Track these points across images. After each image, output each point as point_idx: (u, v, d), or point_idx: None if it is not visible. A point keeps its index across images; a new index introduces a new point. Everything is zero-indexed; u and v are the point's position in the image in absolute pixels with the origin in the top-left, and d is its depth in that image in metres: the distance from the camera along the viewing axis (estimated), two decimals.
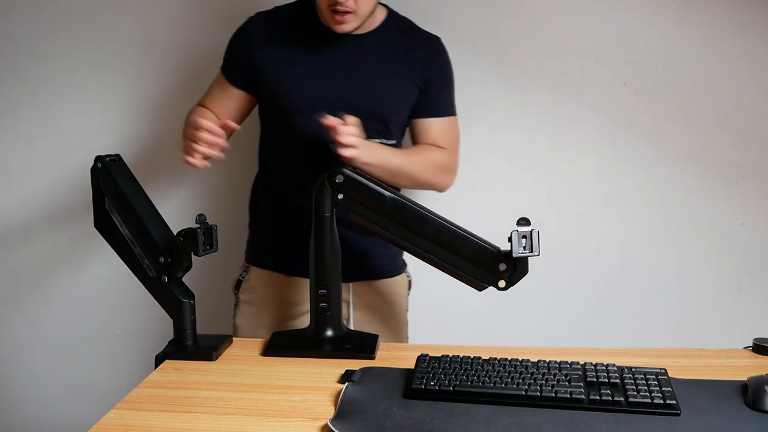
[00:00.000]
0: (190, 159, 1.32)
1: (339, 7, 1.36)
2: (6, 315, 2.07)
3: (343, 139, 1.30)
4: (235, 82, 1.54)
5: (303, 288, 1.55)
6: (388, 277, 1.62)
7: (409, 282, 1.68)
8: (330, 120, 1.31)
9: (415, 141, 1.58)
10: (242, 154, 1.85)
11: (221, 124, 1.34)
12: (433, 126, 1.55)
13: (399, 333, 1.62)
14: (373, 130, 1.48)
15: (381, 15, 1.52)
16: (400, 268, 1.66)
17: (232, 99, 1.56)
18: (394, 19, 1.55)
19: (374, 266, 1.58)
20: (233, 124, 1.37)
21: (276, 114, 1.53)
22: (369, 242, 1.39)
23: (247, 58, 1.51)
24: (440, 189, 1.58)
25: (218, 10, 1.83)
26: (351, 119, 1.34)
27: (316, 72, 1.47)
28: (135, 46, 1.88)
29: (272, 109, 1.54)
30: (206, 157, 1.33)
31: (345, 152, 1.31)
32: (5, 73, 1.93)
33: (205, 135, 1.31)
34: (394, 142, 1.54)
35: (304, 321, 1.54)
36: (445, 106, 1.57)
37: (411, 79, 1.51)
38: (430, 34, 1.56)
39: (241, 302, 1.63)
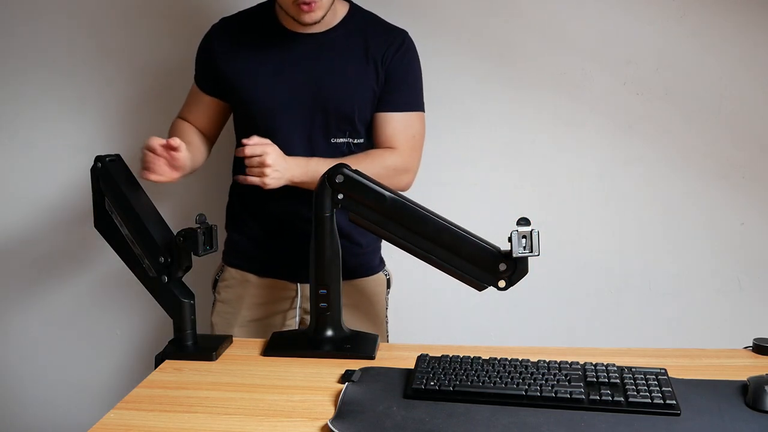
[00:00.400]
0: (148, 176, 1.33)
1: None
2: (6, 315, 2.07)
3: (249, 163, 1.34)
4: (205, 89, 1.57)
5: (276, 289, 1.58)
6: (364, 276, 1.61)
7: (388, 280, 1.68)
8: (241, 150, 1.34)
9: (373, 137, 1.53)
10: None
11: (163, 144, 1.33)
12: (391, 121, 1.50)
13: (378, 331, 1.61)
14: (338, 130, 1.48)
15: (342, 10, 1.50)
16: (377, 267, 1.65)
17: (206, 106, 1.58)
18: (356, 13, 1.52)
19: (349, 266, 1.55)
20: (174, 144, 1.33)
21: (242, 117, 1.55)
22: (342, 243, 1.38)
23: (213, 64, 1.52)
24: (399, 191, 1.56)
25: (220, 11, 1.83)
26: (251, 141, 1.35)
27: (278, 72, 1.47)
28: (135, 46, 1.88)
29: (239, 112, 1.56)
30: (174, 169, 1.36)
31: (250, 180, 1.35)
32: (5, 73, 1.94)
33: (147, 156, 1.33)
34: (361, 141, 1.52)
35: (276, 320, 1.59)
36: (406, 101, 1.51)
37: (373, 74, 1.48)
38: (396, 27, 1.53)
39: (216, 301, 1.65)
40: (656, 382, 1.05)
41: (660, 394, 1.02)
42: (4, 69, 1.93)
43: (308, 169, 1.41)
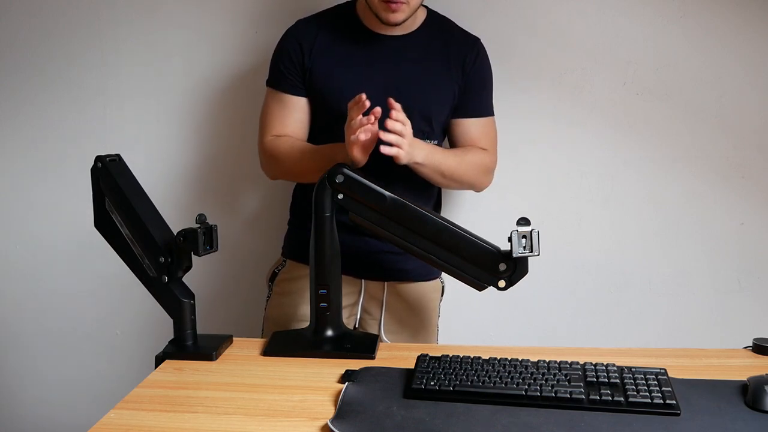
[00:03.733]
0: (360, 157, 1.31)
1: None
2: (6, 315, 2.07)
3: (389, 131, 1.28)
4: (293, 90, 1.52)
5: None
6: (422, 280, 1.61)
7: (443, 288, 1.68)
8: (377, 111, 1.28)
9: (454, 141, 1.57)
10: (243, 154, 1.85)
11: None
12: (473, 126, 1.55)
13: (429, 338, 1.61)
14: (418, 130, 1.46)
15: (422, 15, 1.54)
16: (436, 272, 1.64)
17: (300, 110, 1.53)
18: (434, 18, 1.56)
19: (410, 267, 1.57)
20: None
21: (324, 116, 1.53)
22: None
23: (301, 64, 1.50)
24: (479, 190, 1.60)
25: (221, 10, 1.83)
26: (398, 107, 1.31)
27: (361, 73, 1.48)
28: (135, 46, 1.88)
29: (320, 111, 1.53)
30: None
31: (387, 150, 1.29)
32: (5, 73, 1.93)
33: (356, 115, 1.29)
34: (436, 141, 1.54)
35: None
36: (485, 107, 1.58)
37: (453, 78, 1.52)
38: (471, 34, 1.58)
39: (274, 294, 1.62)
40: (656, 382, 1.05)
41: (660, 394, 1.02)
42: (5, 69, 1.93)
43: (431, 152, 1.41)
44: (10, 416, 2.13)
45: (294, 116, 1.53)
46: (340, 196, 1.26)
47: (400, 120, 1.31)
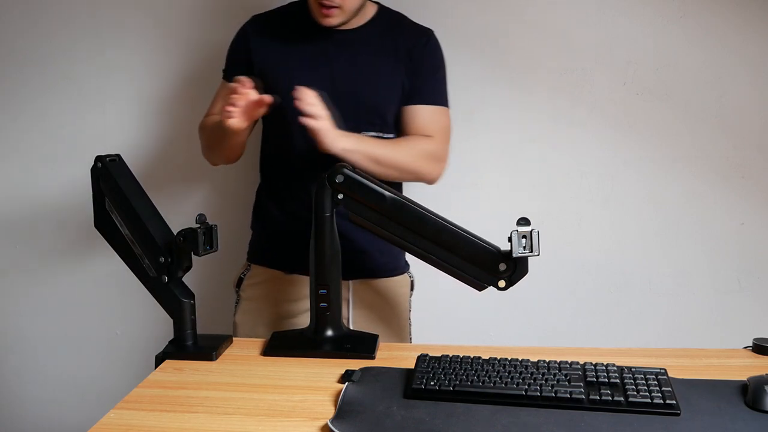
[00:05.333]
0: (231, 121, 1.34)
1: (326, 2, 1.40)
2: (6, 315, 2.07)
3: (307, 108, 1.31)
4: None
5: (302, 285, 1.56)
6: (388, 276, 1.62)
7: (412, 282, 1.68)
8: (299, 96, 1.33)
9: (402, 130, 1.55)
10: (243, 154, 1.85)
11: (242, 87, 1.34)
12: (420, 113, 1.53)
13: (401, 333, 1.62)
14: (369, 123, 1.50)
15: (372, 10, 1.55)
16: (402, 267, 1.66)
17: None
18: (385, 13, 1.57)
19: (374, 264, 1.58)
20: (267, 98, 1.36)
21: (275, 111, 1.52)
22: (369, 240, 1.39)
23: (248, 58, 1.53)
24: (429, 180, 1.55)
25: (220, 11, 1.83)
26: (310, 94, 1.34)
27: (311, 66, 1.50)
28: (135, 46, 1.88)
29: (271, 106, 1.53)
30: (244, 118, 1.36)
31: (311, 122, 1.32)
32: (5, 73, 1.93)
33: (236, 87, 1.33)
34: (391, 135, 1.54)
35: (303, 319, 1.55)
36: (434, 94, 1.55)
37: (401, 69, 1.51)
38: (423, 26, 1.57)
39: (242, 299, 1.64)
40: (656, 382, 1.05)
41: (660, 394, 1.02)
42: (5, 69, 1.93)
43: (359, 139, 1.42)
44: (10, 416, 2.13)
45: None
46: (340, 196, 1.26)
47: (314, 104, 1.33)
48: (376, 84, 1.51)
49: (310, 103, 1.33)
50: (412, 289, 1.68)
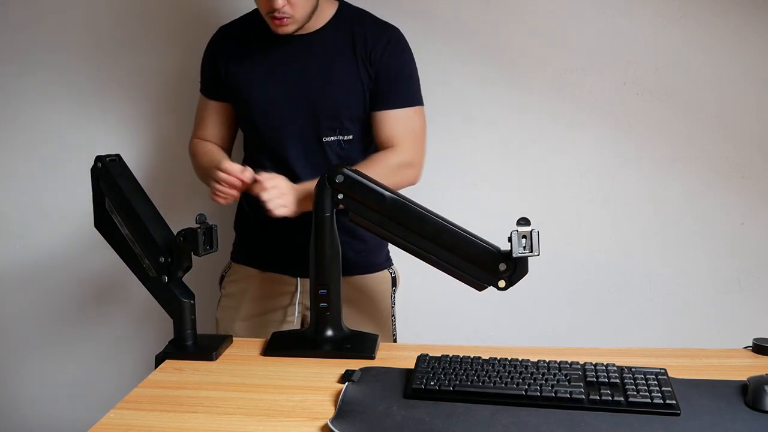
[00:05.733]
0: (218, 201, 1.40)
1: (276, 14, 1.40)
2: (6, 315, 2.07)
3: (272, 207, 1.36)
4: (212, 95, 1.61)
5: (277, 283, 1.61)
6: (365, 273, 1.62)
7: (394, 278, 1.67)
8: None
9: (374, 135, 1.54)
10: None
11: (238, 178, 1.38)
12: (388, 119, 1.51)
13: (383, 330, 1.61)
14: (328, 128, 1.51)
15: (330, 10, 1.52)
16: (382, 264, 1.66)
17: (218, 113, 1.62)
18: (345, 12, 1.54)
19: (349, 263, 1.55)
20: (248, 177, 1.39)
21: (243, 118, 1.59)
22: (344, 239, 1.38)
23: (217, 69, 1.56)
24: (409, 185, 1.54)
25: (220, 12, 1.83)
26: (261, 179, 1.37)
27: (272, 73, 1.51)
28: (136, 46, 1.88)
29: (240, 113, 1.59)
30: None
31: (274, 214, 1.37)
32: (5, 73, 1.93)
33: (223, 176, 1.38)
34: (350, 137, 1.53)
35: (276, 315, 1.62)
36: (401, 97, 1.52)
37: (361, 71, 1.49)
38: (385, 23, 1.54)
39: (222, 296, 1.69)
40: (656, 382, 1.05)
41: (660, 394, 1.02)
42: (5, 70, 1.93)
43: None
44: (10, 416, 2.13)
45: (212, 119, 1.62)
46: (340, 196, 1.26)
47: (265, 189, 1.36)
48: (332, 88, 1.49)
49: (268, 197, 1.36)
50: (394, 285, 1.67)
